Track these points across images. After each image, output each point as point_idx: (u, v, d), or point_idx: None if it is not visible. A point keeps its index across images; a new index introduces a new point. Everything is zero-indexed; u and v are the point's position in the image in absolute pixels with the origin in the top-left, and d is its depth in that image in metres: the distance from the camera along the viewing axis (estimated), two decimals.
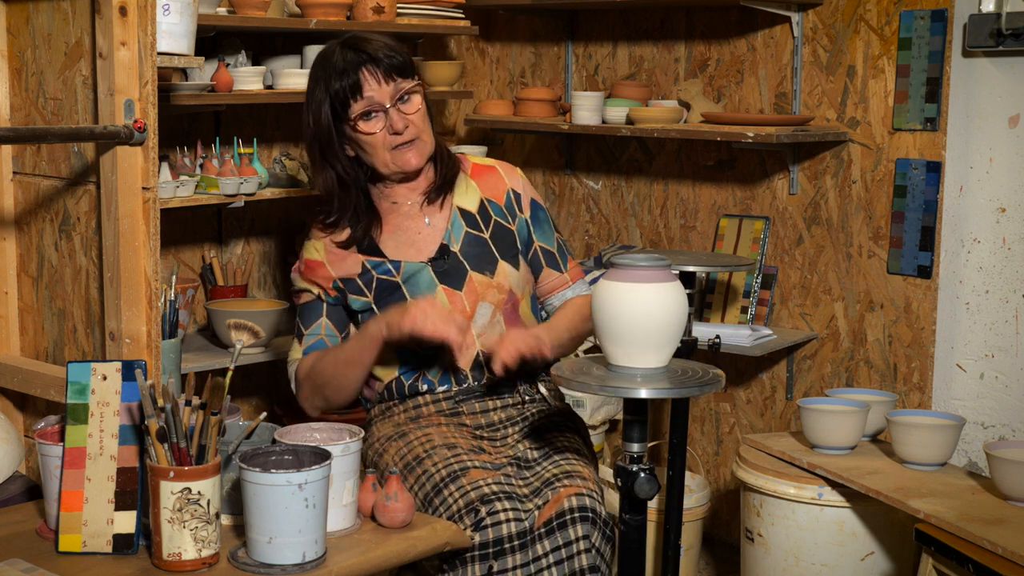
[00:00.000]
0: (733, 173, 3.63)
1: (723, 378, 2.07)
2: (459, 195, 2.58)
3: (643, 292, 1.98)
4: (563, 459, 2.37)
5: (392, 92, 2.45)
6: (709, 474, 3.74)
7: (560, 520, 2.21)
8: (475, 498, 2.21)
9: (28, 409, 2.54)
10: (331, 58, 2.47)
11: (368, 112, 2.45)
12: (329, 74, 2.46)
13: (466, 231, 2.54)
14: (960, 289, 3.22)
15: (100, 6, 2.17)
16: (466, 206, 2.57)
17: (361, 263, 2.53)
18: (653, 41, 3.77)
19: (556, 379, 2.07)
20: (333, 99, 2.45)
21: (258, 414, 3.61)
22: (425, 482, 2.30)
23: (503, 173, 2.63)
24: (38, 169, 2.43)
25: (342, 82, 2.44)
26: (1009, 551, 2.25)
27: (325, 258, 2.55)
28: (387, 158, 2.48)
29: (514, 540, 2.17)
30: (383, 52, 2.46)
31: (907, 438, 2.71)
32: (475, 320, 2.50)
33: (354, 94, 2.44)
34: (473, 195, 2.58)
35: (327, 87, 2.45)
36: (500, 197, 2.59)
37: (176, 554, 1.91)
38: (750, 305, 3.55)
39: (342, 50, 2.47)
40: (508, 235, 2.57)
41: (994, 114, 3.12)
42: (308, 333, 2.54)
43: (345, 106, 2.45)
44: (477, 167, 2.63)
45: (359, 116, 2.45)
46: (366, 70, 2.44)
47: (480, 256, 2.52)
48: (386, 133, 2.45)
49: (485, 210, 2.57)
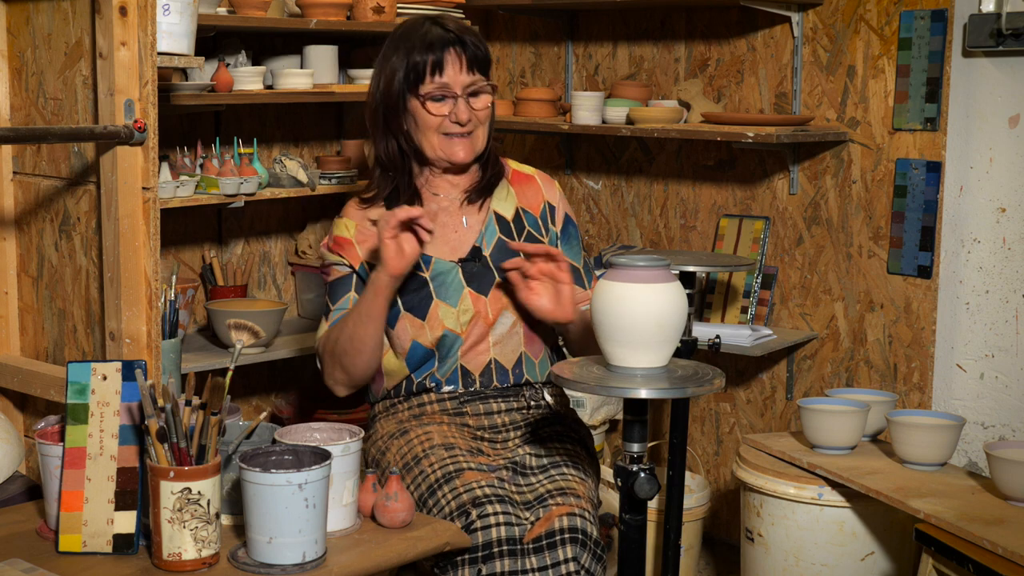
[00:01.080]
0: (733, 173, 3.63)
1: (723, 378, 2.07)
2: (497, 200, 2.54)
3: (643, 292, 1.98)
4: (559, 474, 2.34)
5: (467, 82, 2.43)
6: (709, 474, 3.74)
7: (550, 540, 2.18)
8: (467, 500, 2.20)
9: (28, 409, 2.54)
10: (418, 29, 2.43)
11: (440, 95, 2.42)
12: (413, 44, 2.41)
13: (499, 237, 2.50)
14: (960, 289, 3.22)
15: (100, 6, 2.17)
16: (503, 212, 2.53)
17: None
18: (653, 41, 3.77)
19: (556, 379, 2.07)
20: (410, 69, 2.41)
21: (258, 414, 3.61)
22: (421, 483, 2.30)
23: (541, 184, 2.59)
24: (38, 169, 2.43)
25: (425, 56, 2.40)
26: (1009, 551, 2.25)
27: (355, 237, 2.48)
28: (436, 142, 2.45)
29: (503, 544, 2.15)
30: (471, 40, 2.44)
31: (907, 438, 2.71)
32: (494, 328, 2.46)
33: (434, 71, 2.40)
34: (511, 202, 2.55)
35: (407, 55, 2.41)
36: (536, 208, 2.56)
37: (176, 554, 1.91)
38: (750, 305, 3.55)
39: (431, 24, 2.44)
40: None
41: (994, 114, 3.12)
42: (335, 308, 2.47)
43: (419, 80, 2.41)
44: (517, 174, 2.59)
45: (429, 94, 2.41)
46: (453, 51, 2.41)
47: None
48: (447, 120, 2.42)
49: (520, 219, 2.53)
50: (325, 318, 2.49)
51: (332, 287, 2.50)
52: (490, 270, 2.47)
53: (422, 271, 2.44)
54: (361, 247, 2.47)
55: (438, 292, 2.44)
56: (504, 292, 2.47)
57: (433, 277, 2.45)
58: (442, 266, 2.46)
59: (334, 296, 2.48)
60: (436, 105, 2.42)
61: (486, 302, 2.46)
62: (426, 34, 2.42)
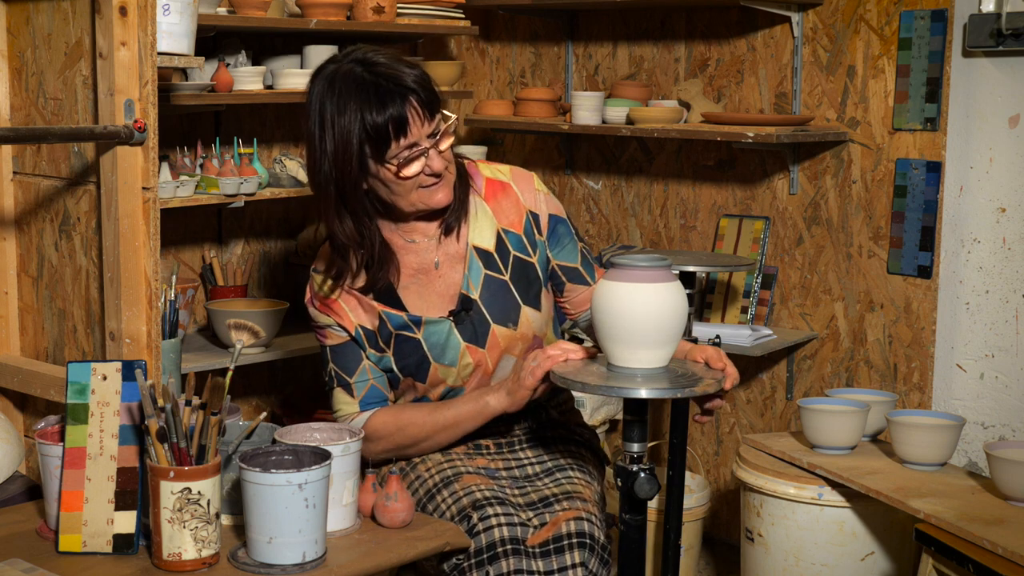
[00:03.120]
0: (733, 173, 3.63)
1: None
2: (474, 231, 2.32)
3: (643, 292, 1.98)
4: (564, 478, 2.30)
5: (430, 131, 2.18)
6: (709, 474, 3.74)
7: (557, 544, 2.14)
8: (467, 504, 2.18)
9: (28, 409, 2.54)
10: (359, 84, 2.15)
11: (409, 155, 2.17)
12: (365, 103, 2.13)
13: (485, 274, 2.31)
14: (960, 289, 3.22)
15: (100, 6, 2.17)
16: (482, 244, 2.31)
17: (378, 314, 2.29)
18: (653, 41, 3.77)
19: (556, 379, 2.06)
20: (371, 135, 2.14)
21: (258, 414, 3.61)
22: (419, 487, 2.28)
23: (518, 191, 2.35)
24: (38, 169, 2.43)
25: (384, 116, 2.13)
26: (1009, 551, 2.25)
27: (339, 298, 2.31)
28: (414, 198, 2.22)
29: (506, 544, 2.12)
30: (418, 83, 2.17)
31: (907, 438, 2.71)
32: (496, 373, 2.33)
33: (397, 134, 2.14)
34: (489, 227, 2.32)
35: (362, 119, 2.13)
36: (518, 224, 2.33)
37: (176, 554, 1.91)
38: (750, 305, 3.55)
39: (370, 75, 2.15)
40: (529, 270, 2.34)
41: (994, 114, 3.12)
42: (355, 382, 2.30)
43: (385, 145, 2.15)
44: (491, 184, 2.35)
45: (400, 157, 2.17)
46: (410, 103, 2.15)
47: (502, 307, 2.32)
48: (422, 174, 2.20)
49: (503, 245, 2.32)
50: (346, 391, 2.31)
51: (336, 354, 2.32)
52: (484, 317, 2.30)
53: (413, 332, 2.29)
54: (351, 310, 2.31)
55: (434, 354, 2.29)
56: (501, 338, 2.30)
57: (426, 338, 2.29)
58: (433, 325, 2.29)
59: (345, 366, 2.31)
60: (409, 167, 2.18)
61: (484, 354, 2.31)
62: (374, 89, 2.14)
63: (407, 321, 2.29)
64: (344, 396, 2.33)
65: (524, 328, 2.33)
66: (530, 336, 2.34)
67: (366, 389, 2.32)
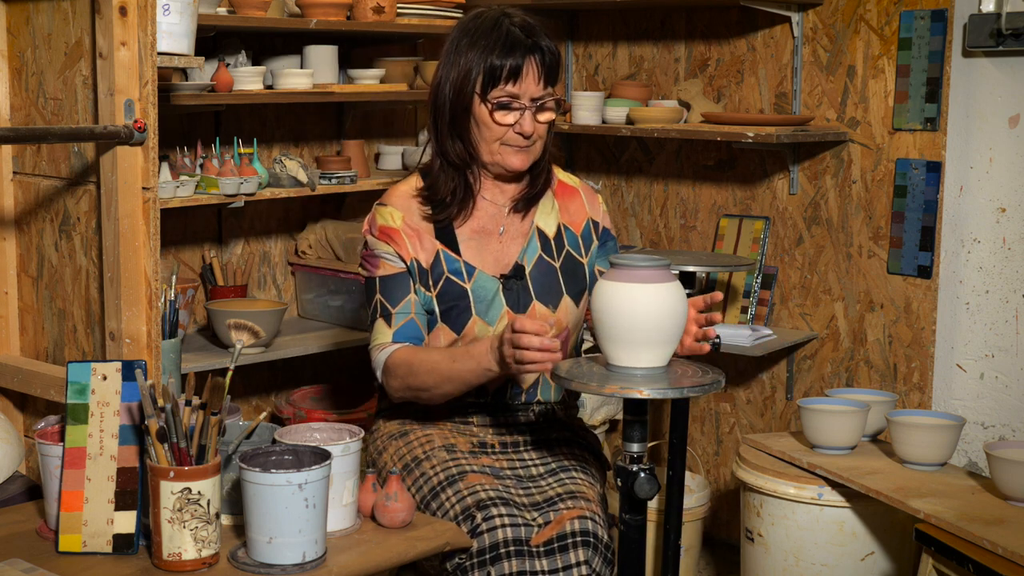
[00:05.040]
0: (733, 173, 3.63)
1: (723, 378, 2.07)
2: (541, 214, 2.45)
3: (643, 292, 1.98)
4: (568, 477, 2.32)
5: (538, 95, 2.32)
6: (709, 474, 3.74)
7: (561, 543, 2.16)
8: (471, 503, 2.18)
9: (28, 409, 2.54)
10: (497, 28, 2.29)
11: (509, 103, 2.30)
12: (492, 45, 2.28)
13: (540, 255, 2.42)
14: (960, 289, 3.22)
15: (100, 6, 2.17)
16: (545, 228, 2.44)
17: (436, 251, 2.36)
18: (653, 41, 3.77)
19: (556, 379, 2.06)
20: (487, 72, 2.27)
21: (258, 414, 3.61)
22: (423, 485, 2.28)
23: (585, 199, 2.51)
24: (38, 169, 2.43)
25: (505, 60, 2.27)
26: (1009, 551, 2.25)
27: (402, 229, 2.37)
28: (494, 149, 2.34)
29: (510, 545, 2.13)
30: (548, 48, 2.32)
31: (907, 438, 2.71)
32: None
33: (509, 79, 2.28)
34: (554, 217, 2.46)
35: (485, 57, 2.28)
36: (578, 226, 2.48)
37: (176, 554, 1.91)
38: (750, 305, 3.55)
39: (511, 25, 2.30)
40: (578, 268, 2.46)
41: (994, 114, 3.12)
42: (397, 311, 2.33)
43: (493, 84, 2.29)
44: (562, 186, 2.50)
45: (498, 101, 2.30)
46: (533, 60, 2.29)
47: (548, 286, 2.41)
48: (512, 130, 2.32)
49: (560, 237, 2.45)
50: (385, 320, 2.35)
51: (386, 284, 2.36)
52: (528, 290, 2.39)
53: (464, 281, 2.36)
54: (411, 241, 2.36)
55: (478, 308, 2.35)
56: (539, 315, 2.37)
57: (474, 290, 2.36)
58: (484, 280, 2.37)
59: (392, 296, 2.35)
60: (502, 114, 2.31)
61: None
62: (507, 36, 2.28)
63: (462, 268, 2.36)
64: (383, 326, 2.35)
65: (561, 314, 2.41)
66: (564, 324, 2.41)
67: (404, 321, 2.34)
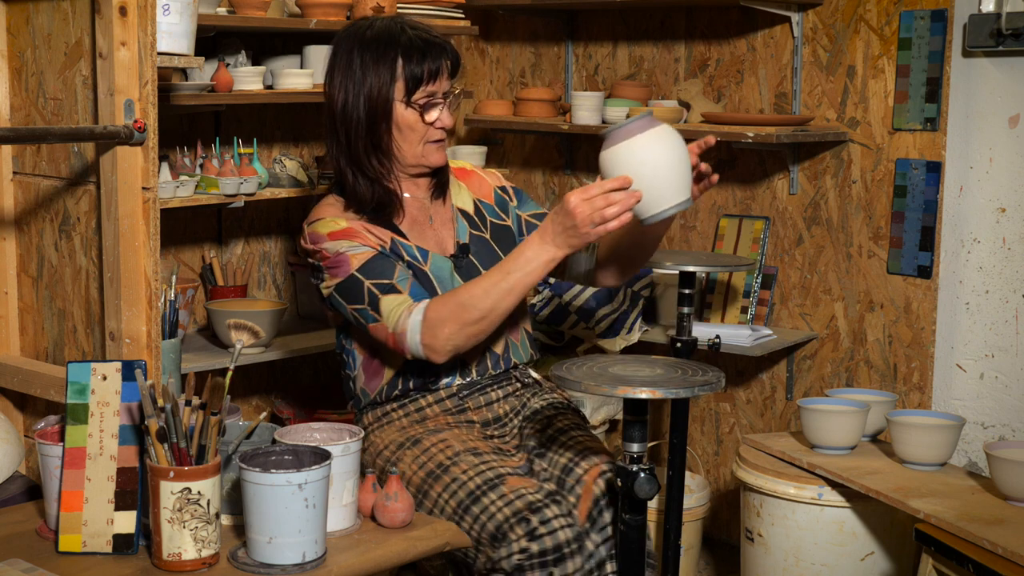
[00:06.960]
0: (733, 173, 3.63)
1: (723, 378, 2.07)
2: (456, 197, 2.58)
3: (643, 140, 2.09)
4: (569, 439, 2.41)
5: (447, 89, 2.47)
6: (709, 474, 3.74)
7: (597, 509, 2.27)
8: (522, 507, 2.20)
9: (28, 409, 2.54)
10: (403, 35, 2.41)
11: (431, 102, 2.43)
12: (407, 52, 2.40)
13: (470, 232, 2.54)
14: (960, 289, 3.22)
15: (100, 6, 2.17)
16: (464, 207, 2.57)
17: (391, 239, 2.44)
18: (653, 41, 3.77)
19: (556, 380, 2.07)
20: (409, 78, 2.40)
21: (258, 414, 3.61)
22: (457, 490, 2.26)
23: (483, 174, 2.65)
24: (38, 169, 2.43)
25: (423, 65, 2.40)
26: (1009, 551, 2.25)
27: (352, 227, 2.42)
28: (419, 150, 2.46)
29: (572, 544, 2.20)
30: (451, 47, 2.47)
31: (907, 438, 2.71)
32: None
33: (430, 79, 2.41)
34: (466, 196, 2.59)
35: (403, 64, 2.39)
36: (489, 195, 2.61)
37: (176, 554, 1.91)
38: (750, 305, 3.55)
39: (412, 31, 2.43)
40: (507, 233, 2.57)
41: (994, 114, 3.12)
42: (397, 280, 2.35)
43: (416, 88, 2.41)
44: (459, 170, 2.64)
45: (423, 103, 2.42)
46: (446, 60, 2.44)
47: (489, 256, 2.51)
48: (433, 127, 2.45)
49: (480, 211, 2.58)
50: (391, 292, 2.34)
51: (369, 269, 2.36)
52: (475, 265, 2.49)
53: (422, 263, 2.45)
54: (367, 233, 2.41)
55: (442, 288, 2.42)
56: None
57: (433, 271, 2.45)
58: (439, 261, 2.47)
59: (383, 273, 2.35)
60: (430, 113, 2.43)
61: None
62: (416, 41, 2.41)
63: (416, 252, 2.45)
64: (392, 299, 2.34)
65: None
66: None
67: (410, 283, 2.37)
